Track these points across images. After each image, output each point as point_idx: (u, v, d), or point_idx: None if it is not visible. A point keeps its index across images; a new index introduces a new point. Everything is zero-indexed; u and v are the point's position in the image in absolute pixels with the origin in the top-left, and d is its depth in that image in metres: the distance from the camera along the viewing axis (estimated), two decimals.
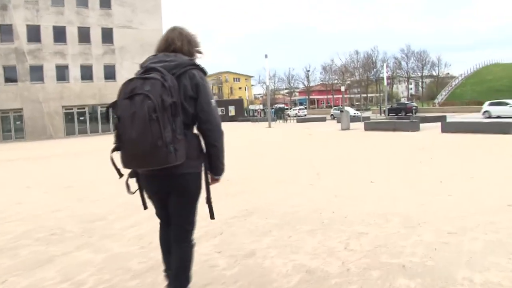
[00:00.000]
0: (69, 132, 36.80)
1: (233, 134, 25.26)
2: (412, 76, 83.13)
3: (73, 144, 24.53)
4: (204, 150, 2.49)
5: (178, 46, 2.50)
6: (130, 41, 38.12)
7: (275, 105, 66.28)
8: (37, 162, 14.93)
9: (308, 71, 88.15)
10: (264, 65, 33.37)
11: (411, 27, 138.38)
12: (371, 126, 21.92)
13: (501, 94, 56.44)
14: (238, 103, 60.28)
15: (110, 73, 38.00)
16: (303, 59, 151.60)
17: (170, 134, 2.16)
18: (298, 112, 59.03)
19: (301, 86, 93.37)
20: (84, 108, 37.88)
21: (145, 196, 2.57)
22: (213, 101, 2.44)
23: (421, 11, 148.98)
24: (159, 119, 2.12)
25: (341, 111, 26.03)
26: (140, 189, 2.53)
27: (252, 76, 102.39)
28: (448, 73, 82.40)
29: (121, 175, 2.43)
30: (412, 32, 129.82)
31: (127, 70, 34.89)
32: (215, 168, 2.52)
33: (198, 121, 2.41)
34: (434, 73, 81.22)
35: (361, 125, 23.09)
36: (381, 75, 68.42)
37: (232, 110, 55.51)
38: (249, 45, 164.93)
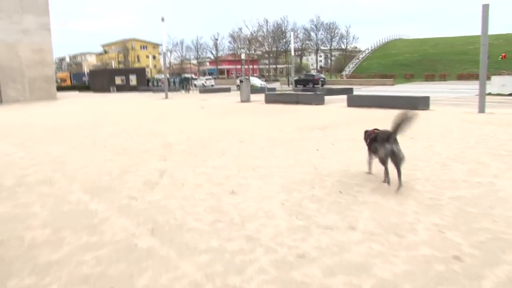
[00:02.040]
0: None
1: (109, 107, 21.29)
2: (321, 48, 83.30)
3: None
4: None
5: None
6: None
7: (182, 75, 62.43)
8: None
9: (217, 39, 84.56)
10: (163, 30, 29.14)
11: None
12: (272, 98, 19.41)
13: (405, 67, 58.17)
14: (140, 72, 55.49)
15: None
16: (213, 26, 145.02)
17: None
18: (205, 82, 55.87)
19: (209, 55, 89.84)
20: None
21: None
22: None
23: None
24: None
25: (241, 81, 23.05)
26: None
27: (160, 44, 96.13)
28: (356, 47, 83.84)
29: None
30: (323, 3, 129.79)
31: (3, 31, 29.28)
32: None
33: None
34: (342, 46, 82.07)
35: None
36: (290, 46, 66.98)
37: (133, 79, 50.92)
38: (159, 11, 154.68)
